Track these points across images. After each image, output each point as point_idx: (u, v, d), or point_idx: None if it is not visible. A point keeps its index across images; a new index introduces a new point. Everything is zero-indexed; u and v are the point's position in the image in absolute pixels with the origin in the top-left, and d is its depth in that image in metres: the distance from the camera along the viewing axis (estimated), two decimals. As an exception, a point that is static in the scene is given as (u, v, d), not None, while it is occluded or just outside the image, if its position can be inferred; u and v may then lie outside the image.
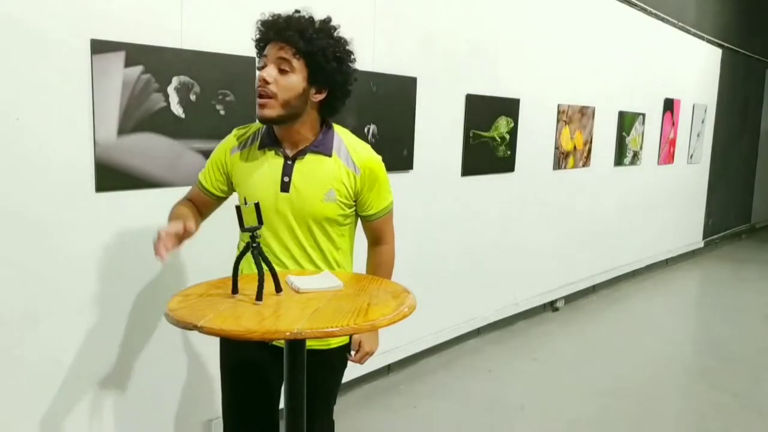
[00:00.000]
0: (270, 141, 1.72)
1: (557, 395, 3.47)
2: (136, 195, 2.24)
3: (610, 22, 5.10)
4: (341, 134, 1.77)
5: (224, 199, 1.85)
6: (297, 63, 1.62)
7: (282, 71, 1.62)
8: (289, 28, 1.62)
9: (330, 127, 1.76)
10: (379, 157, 1.79)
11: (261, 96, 1.62)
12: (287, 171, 1.70)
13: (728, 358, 4.18)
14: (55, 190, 2.05)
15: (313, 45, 1.63)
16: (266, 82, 1.61)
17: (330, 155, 1.72)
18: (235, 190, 1.83)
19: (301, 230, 1.72)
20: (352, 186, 1.73)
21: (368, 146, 1.79)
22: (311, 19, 1.67)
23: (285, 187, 1.70)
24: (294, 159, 1.70)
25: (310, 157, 1.71)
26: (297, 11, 1.69)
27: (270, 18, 1.68)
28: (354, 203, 1.77)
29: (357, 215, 1.83)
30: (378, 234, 1.86)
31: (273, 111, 1.62)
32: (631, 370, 3.89)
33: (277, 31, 1.63)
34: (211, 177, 1.81)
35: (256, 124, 1.79)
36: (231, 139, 1.79)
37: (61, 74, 2.01)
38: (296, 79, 1.63)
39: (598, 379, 3.71)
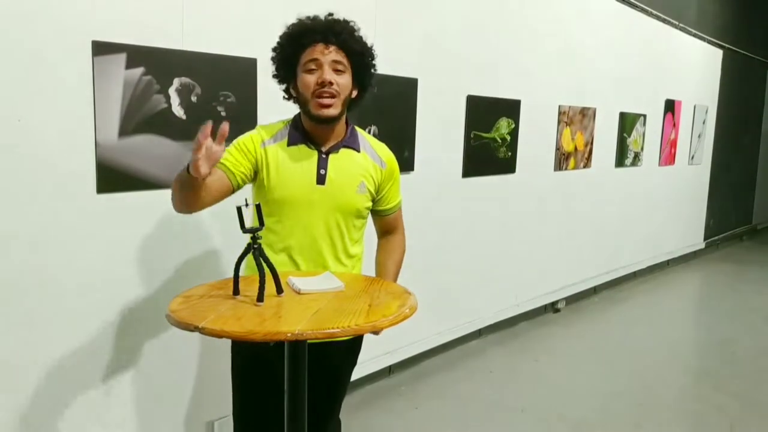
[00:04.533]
0: (300, 137, 1.78)
1: (558, 396, 3.47)
2: (137, 196, 2.24)
3: (611, 23, 5.10)
4: (362, 133, 1.88)
5: (237, 190, 1.77)
6: (347, 64, 1.73)
7: (337, 72, 1.71)
8: (343, 31, 1.72)
9: (353, 126, 1.85)
10: None
11: (326, 96, 1.69)
12: (323, 164, 1.76)
13: (730, 359, 4.17)
14: (57, 191, 2.05)
15: (362, 47, 1.77)
16: (330, 83, 1.69)
17: (359, 151, 1.82)
18: (248, 183, 1.79)
19: (332, 221, 1.78)
20: (378, 179, 1.85)
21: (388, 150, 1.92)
22: (349, 22, 1.77)
23: (321, 179, 1.76)
24: (328, 153, 1.78)
25: (343, 152, 1.80)
26: (331, 14, 1.77)
27: (314, 21, 1.74)
28: (375, 197, 1.87)
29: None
30: (393, 225, 1.97)
31: (336, 110, 1.72)
32: (632, 371, 3.88)
33: (336, 34, 1.71)
34: (237, 162, 1.73)
35: (280, 122, 1.83)
36: (260, 133, 1.80)
37: (62, 76, 2.02)
38: (349, 79, 1.75)
39: (600, 381, 3.71)
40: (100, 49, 2.08)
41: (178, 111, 2.31)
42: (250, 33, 2.48)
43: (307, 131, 1.77)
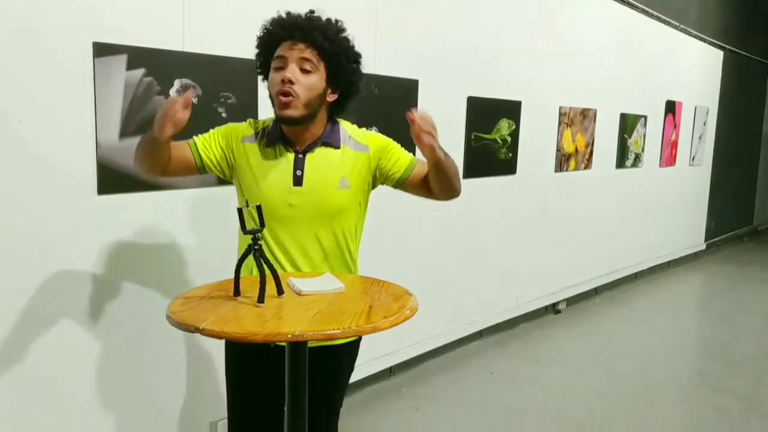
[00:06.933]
0: (277, 138, 1.73)
1: (559, 398, 3.47)
2: (137, 197, 2.24)
3: (612, 24, 5.10)
4: (345, 126, 1.81)
5: (198, 173, 1.77)
6: (318, 64, 1.66)
7: (304, 71, 1.64)
8: (314, 28, 1.64)
9: (335, 122, 1.79)
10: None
11: (284, 95, 1.62)
12: (299, 165, 1.71)
13: (730, 360, 4.17)
14: (58, 192, 2.05)
15: (337, 47, 1.67)
16: (291, 82, 1.62)
17: (338, 147, 1.75)
18: (218, 175, 1.78)
19: (316, 223, 1.73)
20: (368, 165, 1.78)
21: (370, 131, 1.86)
22: (330, 21, 1.69)
23: (298, 180, 1.70)
24: (305, 153, 1.72)
25: (320, 150, 1.73)
26: (312, 11, 1.70)
27: (287, 17, 1.68)
28: (372, 184, 1.82)
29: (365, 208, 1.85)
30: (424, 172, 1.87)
31: (296, 111, 1.64)
32: (633, 372, 3.88)
33: (302, 31, 1.64)
34: (208, 146, 1.73)
35: (265, 121, 1.79)
36: (246, 127, 1.76)
37: (63, 77, 2.02)
38: (318, 80, 1.66)
39: (600, 382, 3.70)
40: (101, 50, 2.09)
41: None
42: (251, 34, 2.48)
43: (283, 131, 1.72)
